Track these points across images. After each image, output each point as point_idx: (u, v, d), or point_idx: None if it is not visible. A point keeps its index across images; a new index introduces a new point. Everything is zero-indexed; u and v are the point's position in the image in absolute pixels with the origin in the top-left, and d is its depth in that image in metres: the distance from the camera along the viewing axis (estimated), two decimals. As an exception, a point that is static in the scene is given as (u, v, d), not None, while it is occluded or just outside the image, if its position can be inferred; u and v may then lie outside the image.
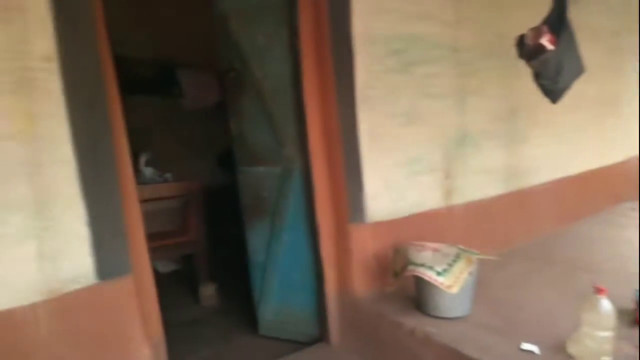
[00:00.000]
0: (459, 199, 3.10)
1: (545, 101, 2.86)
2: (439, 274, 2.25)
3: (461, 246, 2.52)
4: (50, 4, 1.77)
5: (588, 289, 2.41)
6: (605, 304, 1.93)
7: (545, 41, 2.55)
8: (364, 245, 2.64)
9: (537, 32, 2.58)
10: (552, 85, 2.70)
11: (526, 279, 2.84)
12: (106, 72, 1.96)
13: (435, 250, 2.42)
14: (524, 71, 2.68)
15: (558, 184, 3.72)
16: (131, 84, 5.09)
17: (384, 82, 2.70)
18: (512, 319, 2.34)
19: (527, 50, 2.61)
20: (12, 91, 1.71)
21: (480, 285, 2.46)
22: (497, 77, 3.29)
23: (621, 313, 2.31)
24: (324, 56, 2.55)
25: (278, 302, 2.86)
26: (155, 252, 3.08)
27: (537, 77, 2.69)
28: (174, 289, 3.83)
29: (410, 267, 2.32)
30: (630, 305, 2.40)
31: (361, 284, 2.64)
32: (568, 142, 3.85)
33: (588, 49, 2.74)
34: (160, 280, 3.97)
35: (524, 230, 3.49)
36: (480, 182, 3.23)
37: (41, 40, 1.76)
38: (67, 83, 1.82)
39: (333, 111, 2.58)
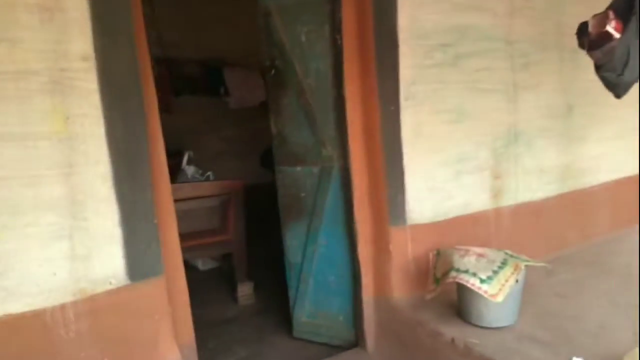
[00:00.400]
0: (509, 200, 2.93)
1: (605, 96, 2.64)
2: (482, 281, 2.13)
3: (509, 251, 2.38)
4: (89, 3, 1.77)
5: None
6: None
7: (611, 28, 2.34)
8: (404, 249, 2.54)
9: (602, 18, 2.37)
10: (617, 78, 2.48)
11: (578, 288, 2.65)
12: (144, 71, 1.96)
13: (480, 255, 2.30)
14: (584, 63, 2.48)
15: (617, 185, 3.47)
16: (178, 84, 5.23)
17: (431, 77, 2.59)
18: (561, 330, 2.19)
19: (590, 39, 2.41)
20: (49, 91, 1.72)
21: (528, 293, 2.32)
22: (553, 70, 3.09)
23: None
24: (367, 52, 2.48)
25: (313, 304, 2.81)
26: (194, 251, 3.13)
27: (600, 69, 2.48)
28: (212, 286, 3.85)
29: (453, 274, 2.21)
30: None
31: (400, 289, 2.54)
32: (629, 140, 3.58)
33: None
34: (200, 277, 4.05)
35: (578, 234, 3.27)
36: (532, 183, 3.05)
37: (79, 40, 1.77)
38: (103, 83, 1.82)
39: (375, 109, 2.50)
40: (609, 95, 2.71)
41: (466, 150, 2.75)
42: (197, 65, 5.38)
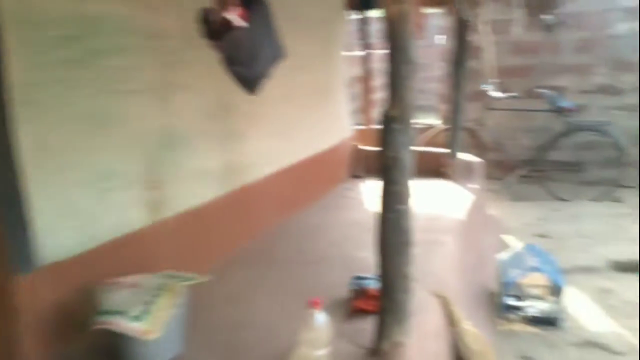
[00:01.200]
0: (169, 211, 2.67)
1: (260, 94, 2.62)
2: (134, 318, 1.82)
3: (169, 272, 2.13)
4: None
5: (312, 287, 2.30)
6: (320, 319, 1.77)
7: (236, 16, 2.25)
8: (40, 298, 1.98)
9: (225, 5, 2.26)
10: (247, 72, 2.45)
11: (249, 289, 2.59)
12: None
13: (133, 285, 1.98)
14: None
15: (276, 177, 3.62)
16: None
17: (58, 77, 2.07)
18: (229, 344, 2.06)
19: (214, 27, 2.27)
20: None
21: (198, 308, 2.12)
22: (208, 69, 2.86)
23: (338, 305, 2.27)
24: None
25: None
26: None
27: (230, 62, 2.39)
28: None
29: (97, 318, 1.83)
30: (346, 294, 2.37)
31: (36, 351, 1.98)
32: (284, 134, 3.79)
33: (301, 39, 2.60)
34: None
35: (246, 231, 3.27)
36: (195, 188, 2.86)
37: None
38: None
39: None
40: (266, 93, 2.71)
41: (112, 163, 2.35)
42: None
